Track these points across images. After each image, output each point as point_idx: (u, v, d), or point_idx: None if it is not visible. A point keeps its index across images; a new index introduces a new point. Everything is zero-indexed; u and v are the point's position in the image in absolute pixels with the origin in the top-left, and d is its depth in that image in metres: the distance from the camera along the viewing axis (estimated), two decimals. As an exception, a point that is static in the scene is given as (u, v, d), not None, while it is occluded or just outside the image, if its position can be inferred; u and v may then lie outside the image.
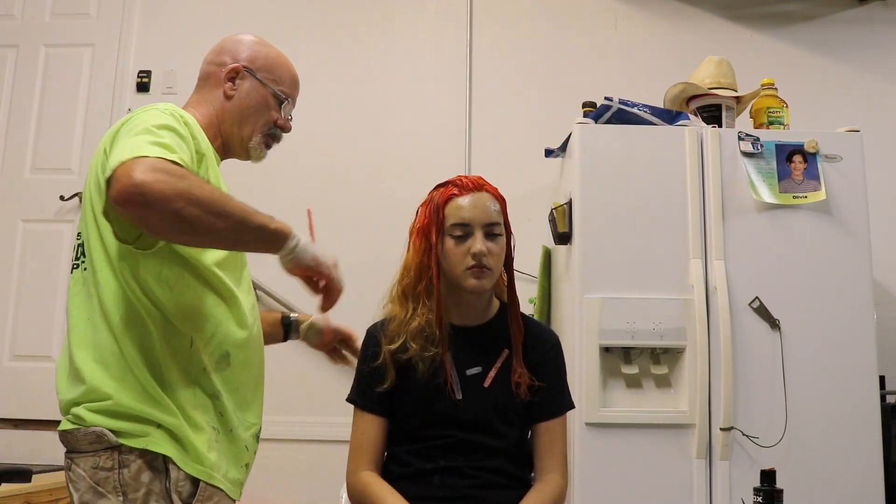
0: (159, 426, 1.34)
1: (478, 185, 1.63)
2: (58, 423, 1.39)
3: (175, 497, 1.32)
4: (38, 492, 2.39)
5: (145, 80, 3.40)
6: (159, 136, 1.27)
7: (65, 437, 1.38)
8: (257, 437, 1.52)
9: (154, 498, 1.32)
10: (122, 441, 1.32)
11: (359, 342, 1.73)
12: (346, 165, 3.26)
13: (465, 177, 1.66)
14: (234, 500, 1.44)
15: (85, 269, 1.40)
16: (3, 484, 2.27)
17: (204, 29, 3.45)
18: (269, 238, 1.32)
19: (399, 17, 3.43)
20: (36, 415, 3.08)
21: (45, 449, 2.95)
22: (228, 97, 1.55)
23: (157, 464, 1.33)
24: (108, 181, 1.20)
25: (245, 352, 1.46)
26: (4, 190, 3.36)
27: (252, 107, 1.55)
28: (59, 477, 2.65)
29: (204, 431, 1.38)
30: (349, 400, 1.67)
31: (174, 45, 3.43)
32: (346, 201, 3.21)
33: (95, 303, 1.36)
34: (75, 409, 1.34)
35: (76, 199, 3.29)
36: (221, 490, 1.39)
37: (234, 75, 1.56)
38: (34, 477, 2.36)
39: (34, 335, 3.24)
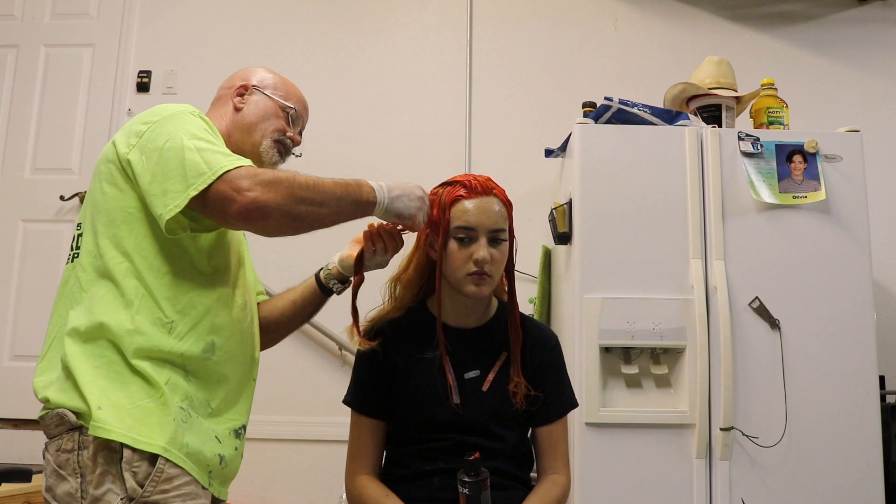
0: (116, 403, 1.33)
1: (486, 189, 1.57)
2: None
3: (128, 477, 1.30)
4: (38, 492, 2.39)
5: (145, 80, 3.40)
6: (216, 144, 1.39)
7: (41, 425, 1.40)
8: (237, 434, 1.49)
9: (109, 479, 1.30)
10: (81, 422, 1.32)
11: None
12: (346, 165, 3.26)
13: (475, 177, 1.59)
14: (203, 487, 1.39)
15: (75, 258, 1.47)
16: (3, 484, 2.27)
17: (204, 29, 3.46)
18: (363, 207, 1.45)
19: (399, 17, 3.43)
20: (36, 415, 3.07)
21: (45, 449, 2.96)
22: (237, 109, 1.61)
23: (114, 444, 1.31)
24: (207, 199, 1.31)
25: (231, 343, 1.47)
26: (4, 190, 3.37)
27: (260, 115, 1.61)
28: (59, 477, 2.66)
29: (168, 409, 1.36)
30: (346, 402, 1.66)
31: (174, 45, 3.43)
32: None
33: (95, 284, 1.40)
34: (44, 392, 1.38)
35: (76, 198, 3.29)
36: (184, 471, 1.35)
37: (243, 91, 1.63)
38: (34, 477, 2.36)
39: (34, 335, 3.21)
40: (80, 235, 1.50)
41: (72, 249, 1.53)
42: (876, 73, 3.29)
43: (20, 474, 2.33)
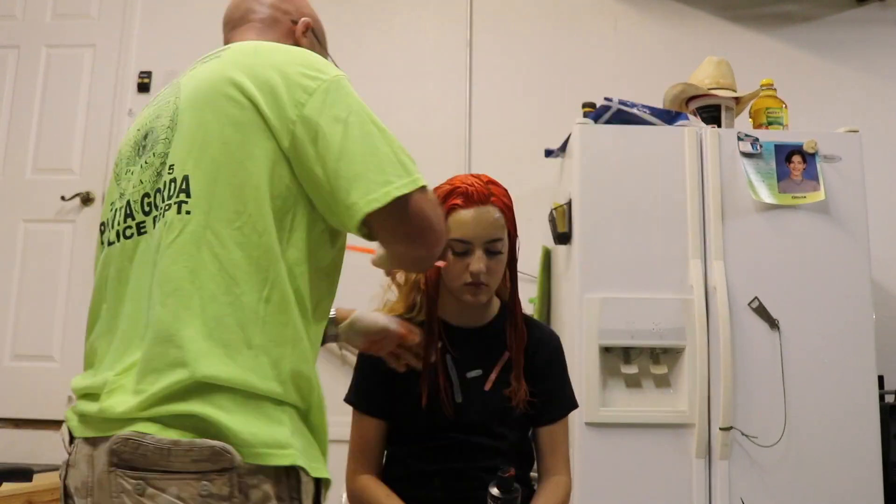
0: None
1: (484, 197, 1.55)
2: (58, 422, 1.12)
3: None
4: (39, 491, 2.39)
5: (146, 80, 3.40)
6: (401, 149, 1.16)
7: (131, 446, 0.97)
8: None
9: None
10: (250, 461, 0.99)
11: (417, 339, 1.52)
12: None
13: (473, 182, 1.57)
14: None
15: (187, 213, 1.07)
16: (4, 483, 2.27)
17: (204, 29, 3.44)
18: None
19: (399, 16, 3.44)
20: (36, 414, 3.09)
21: (46, 449, 2.96)
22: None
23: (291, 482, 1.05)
24: (397, 207, 1.08)
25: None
26: (5, 190, 3.37)
27: None
28: (60, 476, 2.66)
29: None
30: (347, 401, 1.66)
31: (175, 45, 3.43)
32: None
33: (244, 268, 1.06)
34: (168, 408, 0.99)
35: (76, 199, 3.29)
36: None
37: (305, 30, 1.36)
38: (35, 476, 2.36)
39: (34, 335, 3.24)
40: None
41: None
42: (875, 73, 3.29)
43: (21, 474, 2.33)
